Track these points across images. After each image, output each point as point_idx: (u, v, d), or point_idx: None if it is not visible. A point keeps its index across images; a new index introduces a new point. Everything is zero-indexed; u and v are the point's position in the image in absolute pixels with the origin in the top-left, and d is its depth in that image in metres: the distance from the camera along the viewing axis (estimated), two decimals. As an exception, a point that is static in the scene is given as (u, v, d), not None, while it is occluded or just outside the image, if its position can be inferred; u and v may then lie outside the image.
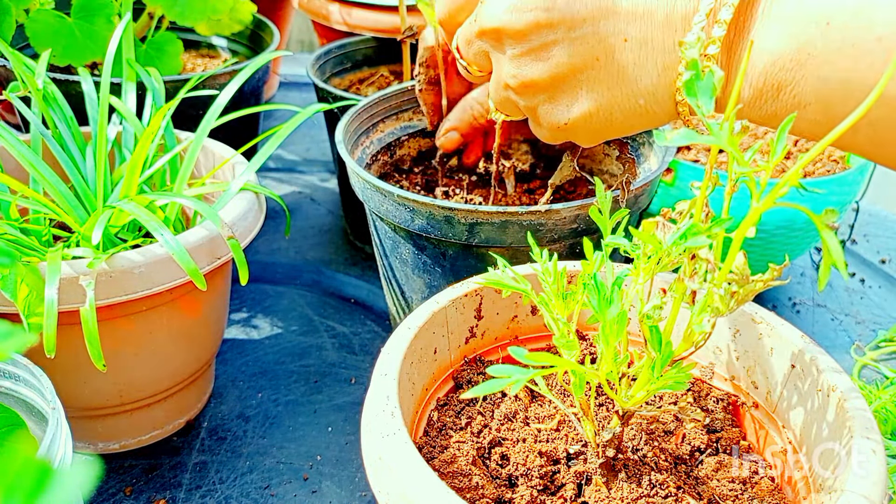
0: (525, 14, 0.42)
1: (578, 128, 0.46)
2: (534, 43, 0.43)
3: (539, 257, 0.40)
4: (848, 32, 0.34)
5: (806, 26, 0.36)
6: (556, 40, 0.42)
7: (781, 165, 0.77)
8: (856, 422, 0.37)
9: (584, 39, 0.42)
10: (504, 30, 0.44)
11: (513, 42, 0.44)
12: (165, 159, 0.61)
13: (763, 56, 0.37)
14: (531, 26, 0.43)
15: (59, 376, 0.47)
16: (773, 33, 0.37)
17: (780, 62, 0.37)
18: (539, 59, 0.44)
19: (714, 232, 0.31)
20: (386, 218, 0.58)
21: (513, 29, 0.43)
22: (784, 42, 0.36)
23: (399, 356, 0.41)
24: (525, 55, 0.44)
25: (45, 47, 0.73)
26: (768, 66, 0.37)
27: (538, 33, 0.43)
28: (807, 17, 0.36)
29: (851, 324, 0.81)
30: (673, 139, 0.28)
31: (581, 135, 0.47)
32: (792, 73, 0.37)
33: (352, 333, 0.77)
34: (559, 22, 0.42)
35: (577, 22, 0.41)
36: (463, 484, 0.39)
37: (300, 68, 1.31)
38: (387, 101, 0.72)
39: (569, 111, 0.45)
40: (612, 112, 0.44)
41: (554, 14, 0.42)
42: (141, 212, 0.51)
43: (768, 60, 0.37)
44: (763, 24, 0.37)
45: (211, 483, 0.59)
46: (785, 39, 0.36)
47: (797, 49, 0.36)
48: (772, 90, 0.38)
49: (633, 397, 0.37)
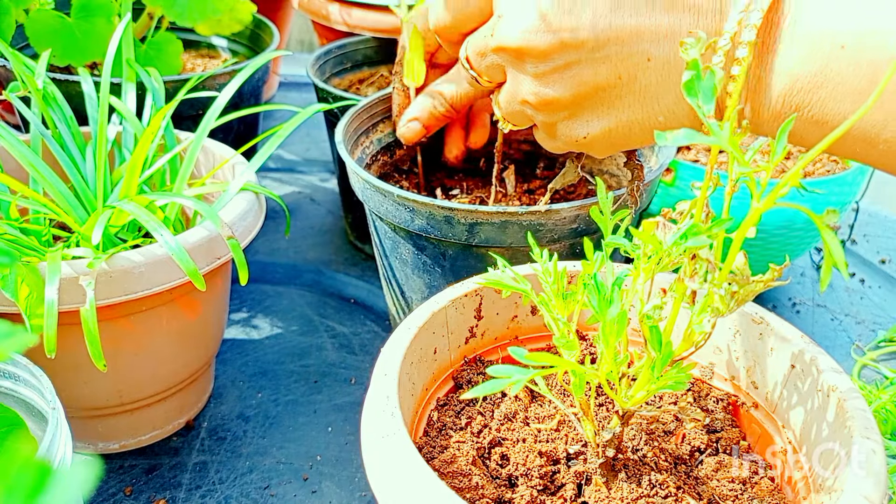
0: (549, 35, 0.42)
1: (596, 142, 0.46)
2: (557, 63, 0.43)
3: (539, 257, 0.40)
4: (863, 55, 0.35)
5: (822, 50, 0.36)
6: (580, 60, 0.42)
7: (781, 166, 0.77)
8: (856, 422, 0.37)
9: (608, 59, 0.42)
10: (527, 50, 0.43)
11: (535, 62, 0.44)
12: (165, 159, 0.61)
13: (782, 79, 0.38)
14: (556, 46, 0.42)
15: (59, 376, 0.47)
16: (792, 56, 0.37)
17: (797, 85, 0.37)
18: (562, 78, 0.43)
19: (714, 232, 0.31)
20: (386, 218, 0.58)
21: (537, 49, 0.43)
22: (802, 66, 0.37)
23: (399, 356, 0.41)
24: (548, 74, 0.44)
25: (45, 47, 0.73)
26: (787, 89, 0.38)
27: (562, 53, 0.42)
28: (823, 40, 0.36)
29: (851, 324, 0.81)
30: (673, 139, 0.28)
31: (597, 148, 0.47)
32: (809, 94, 0.37)
33: (352, 333, 0.77)
34: (584, 43, 0.42)
35: (601, 43, 0.41)
36: (463, 484, 0.39)
37: (300, 68, 1.31)
38: (387, 102, 0.72)
39: (588, 127, 0.45)
40: (632, 128, 0.44)
41: (579, 35, 0.41)
42: (140, 212, 0.51)
43: (787, 84, 0.38)
44: (783, 45, 0.38)
45: (211, 483, 0.59)
46: (803, 63, 0.37)
47: (815, 72, 0.37)
48: (790, 111, 0.38)
49: (633, 397, 0.37)
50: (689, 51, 0.32)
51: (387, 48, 0.98)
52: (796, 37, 0.37)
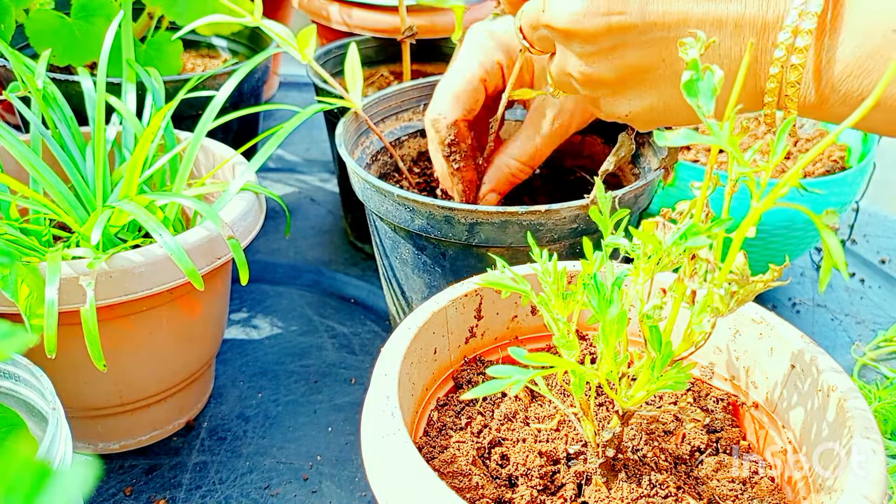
0: (598, 18, 0.43)
1: (638, 119, 0.47)
2: (603, 45, 0.44)
3: (539, 257, 0.40)
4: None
5: (873, 35, 0.37)
6: (626, 43, 0.43)
7: (781, 166, 0.77)
8: (856, 422, 0.37)
9: (654, 43, 0.42)
10: (575, 31, 0.44)
11: (582, 43, 0.44)
12: (165, 159, 0.61)
13: (835, 67, 0.38)
14: (603, 30, 0.43)
15: (59, 376, 0.47)
16: (844, 44, 0.38)
17: (848, 70, 0.38)
18: (607, 59, 0.44)
19: (714, 232, 0.31)
20: (386, 218, 0.58)
21: (585, 31, 0.44)
22: (854, 53, 0.37)
23: (399, 356, 0.41)
24: (594, 55, 0.45)
25: (45, 47, 0.73)
26: (838, 77, 0.38)
27: (609, 36, 0.43)
28: (874, 25, 0.37)
29: (851, 324, 0.81)
30: (673, 139, 0.28)
31: (639, 123, 0.48)
32: (860, 80, 0.38)
33: (352, 333, 0.77)
34: (631, 27, 0.42)
35: (647, 26, 0.42)
36: (463, 484, 0.39)
37: (300, 68, 1.31)
38: (387, 101, 0.72)
39: (630, 104, 0.46)
40: (673, 107, 0.45)
41: (626, 18, 0.42)
42: (140, 212, 0.51)
43: (838, 70, 0.38)
44: (837, 32, 0.38)
45: (211, 483, 0.59)
46: (855, 50, 0.37)
47: (866, 58, 0.37)
48: (839, 97, 0.39)
49: (633, 397, 0.37)
50: (688, 51, 0.32)
51: (387, 48, 0.98)
52: (849, 22, 0.37)
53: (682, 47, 0.33)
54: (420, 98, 0.74)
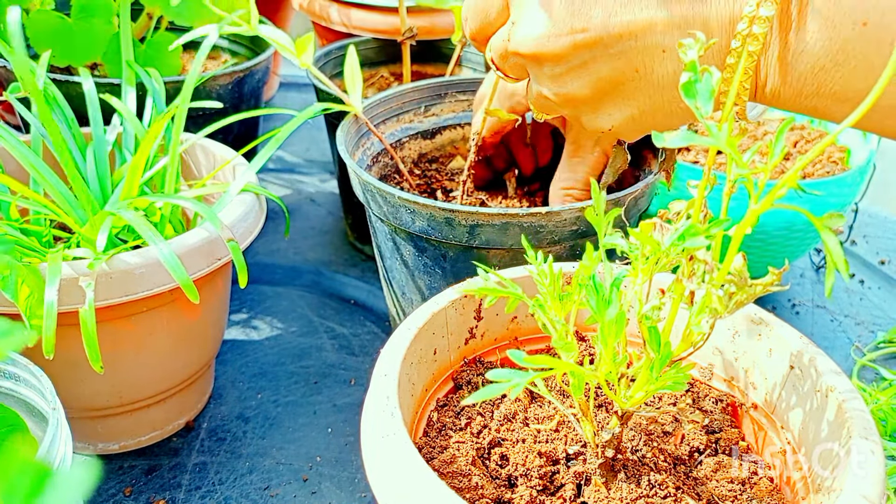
0: (562, 39, 0.43)
1: (622, 130, 0.47)
2: (572, 63, 0.44)
3: (534, 259, 0.40)
4: (884, 32, 0.35)
5: (843, 27, 0.36)
6: (595, 58, 0.43)
7: (780, 167, 0.77)
8: (855, 422, 0.37)
9: (623, 54, 0.42)
10: (542, 55, 0.44)
11: (552, 64, 0.44)
12: (165, 161, 0.61)
13: (803, 59, 0.38)
14: (568, 48, 0.43)
15: (60, 377, 0.47)
16: (812, 35, 0.37)
17: (819, 63, 0.37)
18: (579, 76, 0.44)
19: (712, 233, 0.31)
20: (386, 219, 0.58)
21: (551, 53, 0.44)
22: (823, 45, 0.37)
23: (399, 357, 0.41)
24: (564, 75, 0.44)
25: (45, 48, 0.73)
26: (808, 69, 0.38)
27: (576, 54, 0.43)
28: (843, 17, 0.36)
29: (850, 325, 0.81)
30: (671, 140, 0.28)
31: (625, 135, 0.48)
32: (831, 73, 0.37)
33: (351, 335, 0.77)
34: (596, 41, 0.42)
35: (613, 39, 0.42)
36: (463, 484, 0.39)
37: (300, 69, 1.31)
38: (388, 103, 0.72)
39: (611, 118, 0.46)
40: (655, 115, 0.45)
41: (590, 34, 0.42)
42: (140, 222, 0.51)
43: (808, 62, 0.38)
44: (803, 23, 0.37)
45: (210, 484, 0.60)
46: (824, 42, 0.37)
47: (837, 51, 0.37)
48: (811, 89, 0.38)
49: (632, 398, 0.37)
50: (687, 52, 0.32)
51: (387, 49, 0.98)
52: (816, 14, 0.37)
53: (680, 49, 0.33)
54: (420, 100, 0.74)
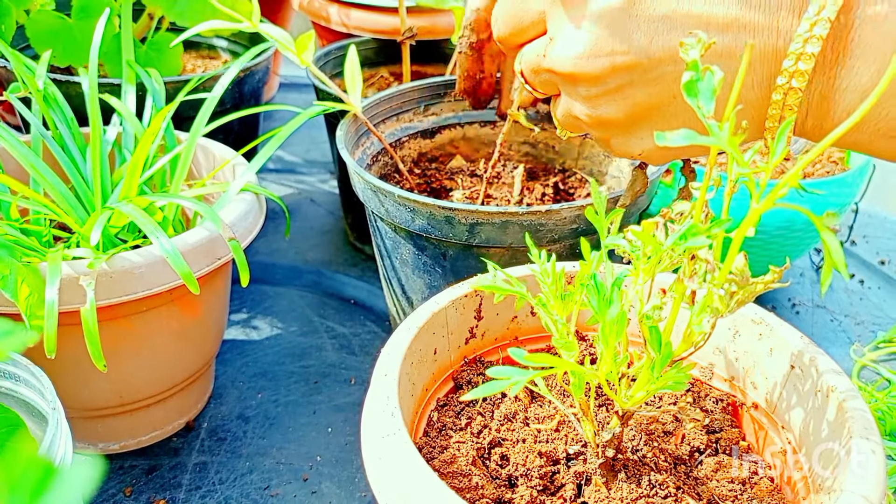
0: (601, 59, 0.41)
1: (651, 156, 0.45)
2: (609, 85, 0.42)
3: (537, 258, 0.40)
4: None
5: (887, 59, 0.35)
6: (633, 82, 0.42)
7: (781, 167, 0.77)
8: (855, 422, 0.37)
9: (662, 79, 0.41)
10: (578, 75, 0.43)
11: (588, 86, 0.43)
12: (165, 160, 0.61)
13: (848, 95, 0.37)
14: (607, 70, 0.42)
15: (60, 377, 0.47)
16: (859, 70, 0.37)
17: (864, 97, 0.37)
18: (614, 100, 0.43)
19: (713, 232, 0.31)
20: (386, 218, 0.58)
21: (589, 74, 0.42)
22: (869, 79, 0.36)
23: (399, 356, 0.41)
24: (600, 97, 0.43)
25: (46, 48, 0.73)
26: (853, 104, 0.37)
27: (614, 76, 0.42)
28: (888, 49, 0.35)
29: (851, 325, 0.81)
30: (672, 139, 0.28)
31: (653, 160, 0.47)
32: (878, 108, 0.37)
33: (352, 334, 0.77)
34: (636, 65, 0.41)
35: (653, 63, 0.41)
36: (463, 484, 0.39)
37: (300, 69, 1.31)
38: (387, 102, 0.72)
39: (642, 143, 0.45)
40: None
41: (630, 57, 0.41)
42: (138, 214, 0.51)
43: (854, 98, 0.37)
44: (850, 59, 0.37)
45: (211, 484, 0.60)
46: (871, 76, 0.36)
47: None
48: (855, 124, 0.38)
49: (632, 398, 0.37)
50: (689, 52, 0.32)
51: (387, 49, 0.98)
52: (864, 48, 0.36)
53: (681, 48, 0.33)
54: (420, 99, 0.74)
